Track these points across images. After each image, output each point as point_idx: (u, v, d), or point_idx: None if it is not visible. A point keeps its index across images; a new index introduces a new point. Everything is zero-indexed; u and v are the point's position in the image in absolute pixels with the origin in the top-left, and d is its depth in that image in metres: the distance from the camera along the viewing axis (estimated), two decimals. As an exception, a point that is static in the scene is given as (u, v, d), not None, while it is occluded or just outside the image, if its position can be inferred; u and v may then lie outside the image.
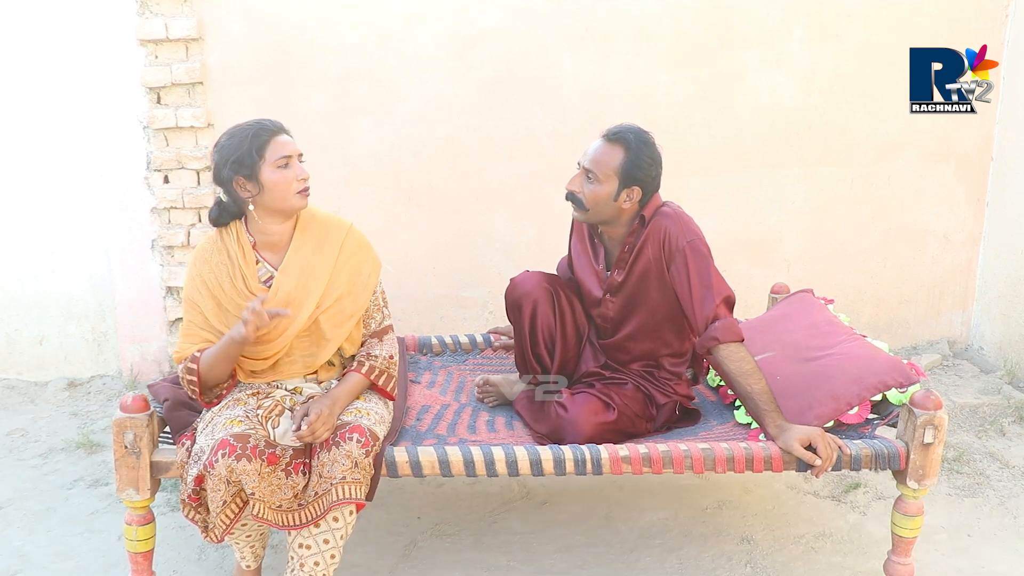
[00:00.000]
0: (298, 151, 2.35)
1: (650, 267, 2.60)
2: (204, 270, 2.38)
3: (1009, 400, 3.74)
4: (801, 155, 4.01)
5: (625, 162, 2.53)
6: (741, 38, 3.84)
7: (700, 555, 2.79)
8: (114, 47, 3.63)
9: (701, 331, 2.51)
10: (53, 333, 4.01)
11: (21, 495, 3.12)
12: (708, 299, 2.51)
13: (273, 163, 2.29)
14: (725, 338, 2.47)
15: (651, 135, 2.59)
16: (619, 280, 2.67)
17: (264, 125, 2.32)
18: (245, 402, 2.35)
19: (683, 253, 2.53)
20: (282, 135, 2.34)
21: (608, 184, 2.54)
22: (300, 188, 2.33)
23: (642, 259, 2.60)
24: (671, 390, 2.72)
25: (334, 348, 2.43)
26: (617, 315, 2.71)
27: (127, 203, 3.78)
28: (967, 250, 4.23)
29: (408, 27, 3.72)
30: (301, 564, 2.27)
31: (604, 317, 2.75)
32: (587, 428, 2.53)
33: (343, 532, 2.26)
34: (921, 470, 2.40)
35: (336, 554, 2.27)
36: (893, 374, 2.58)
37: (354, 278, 2.43)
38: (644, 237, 2.59)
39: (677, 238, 2.54)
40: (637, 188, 2.56)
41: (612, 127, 2.60)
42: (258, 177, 2.29)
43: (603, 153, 2.55)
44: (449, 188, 3.90)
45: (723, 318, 2.50)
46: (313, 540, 2.25)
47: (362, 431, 2.24)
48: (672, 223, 2.56)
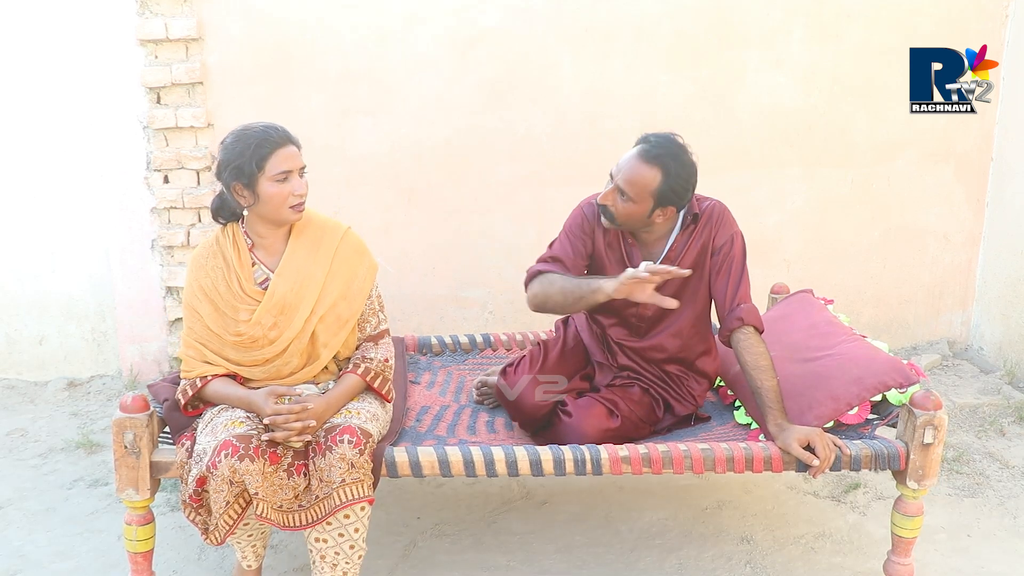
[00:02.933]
0: (300, 164, 2.33)
1: (697, 262, 2.61)
2: (200, 275, 2.39)
3: (1009, 400, 3.74)
4: (801, 155, 4.01)
5: (662, 185, 2.46)
6: (741, 38, 3.84)
7: (700, 555, 2.79)
8: (114, 47, 3.63)
9: (726, 313, 2.55)
10: (53, 333, 4.01)
11: (21, 495, 3.12)
12: (742, 285, 2.57)
13: (271, 177, 2.28)
14: (749, 319, 2.51)
15: (687, 150, 2.51)
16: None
17: (269, 136, 2.29)
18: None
19: (731, 242, 2.59)
20: (287, 147, 2.30)
21: (643, 205, 2.49)
22: (294, 203, 2.32)
23: (691, 255, 2.61)
24: (692, 399, 2.73)
25: (331, 353, 2.43)
26: (657, 312, 2.66)
27: (127, 203, 3.79)
28: (967, 250, 4.23)
29: (408, 27, 3.72)
30: (322, 556, 2.29)
31: (641, 316, 2.70)
32: (591, 434, 2.53)
33: (356, 526, 2.27)
34: (921, 470, 2.40)
35: (355, 545, 2.28)
36: (893, 374, 2.58)
37: (349, 281, 2.43)
38: (695, 235, 2.61)
39: (725, 231, 2.59)
40: (671, 208, 2.53)
41: (649, 141, 2.50)
42: (255, 187, 2.29)
43: (639, 174, 2.46)
44: (449, 188, 3.90)
45: (749, 303, 2.56)
46: (328, 535, 2.27)
47: (352, 431, 2.24)
48: (721, 217, 2.61)
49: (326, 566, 2.29)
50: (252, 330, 2.34)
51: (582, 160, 3.85)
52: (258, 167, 2.27)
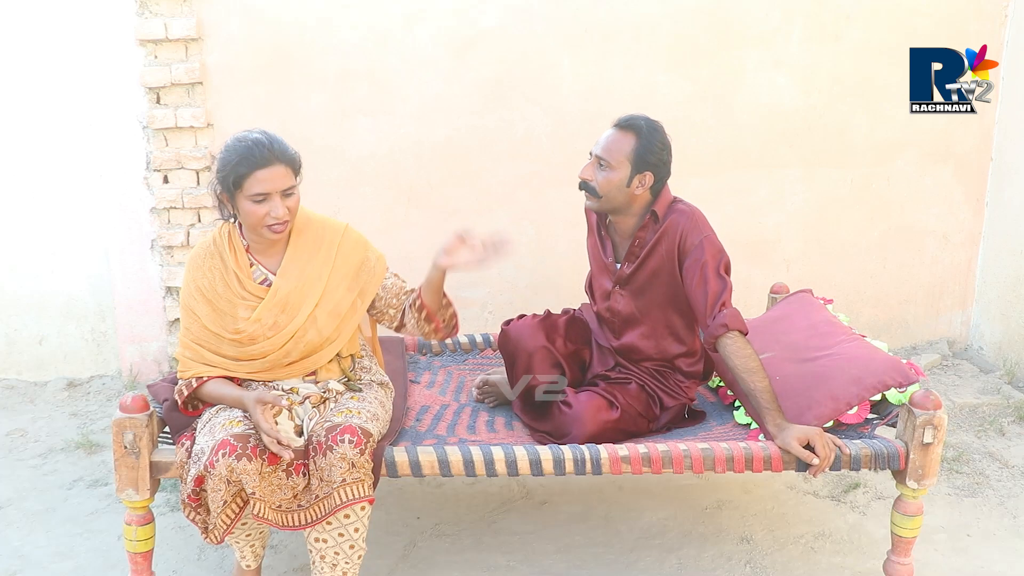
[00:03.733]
0: (283, 186, 2.26)
1: (663, 264, 2.62)
2: (198, 276, 2.39)
3: (1008, 400, 3.74)
4: (800, 155, 4.01)
5: (637, 147, 2.56)
6: (740, 38, 3.84)
7: (699, 555, 2.79)
8: (113, 47, 3.63)
9: (708, 320, 2.52)
10: (52, 333, 4.01)
11: (20, 495, 3.12)
12: (720, 291, 2.53)
13: (249, 196, 2.26)
14: (733, 325, 2.50)
15: (660, 123, 2.63)
16: (628, 273, 2.68)
17: (252, 155, 2.24)
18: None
19: (700, 247, 2.56)
20: (271, 167, 2.24)
21: (621, 170, 2.57)
22: (271, 223, 2.29)
23: (655, 256, 2.62)
24: (681, 392, 2.73)
25: (335, 350, 2.43)
26: (626, 309, 2.72)
27: (126, 203, 3.78)
28: (966, 250, 4.23)
29: (407, 27, 3.73)
30: (322, 556, 2.29)
31: (613, 311, 2.76)
32: (591, 425, 2.54)
33: (356, 525, 2.27)
34: (920, 470, 2.40)
35: (355, 544, 2.28)
36: (892, 374, 2.58)
37: (357, 271, 2.43)
38: (659, 234, 2.61)
39: (693, 235, 2.57)
40: (649, 173, 2.58)
41: (622, 116, 2.63)
42: (235, 202, 2.30)
43: (615, 140, 2.59)
44: (448, 188, 3.90)
45: (731, 308, 2.54)
46: (328, 535, 2.26)
47: (352, 431, 2.23)
48: (687, 220, 2.59)
49: (326, 566, 2.29)
50: (251, 327, 2.35)
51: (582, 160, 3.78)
52: (235, 185, 2.26)
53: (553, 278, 3.99)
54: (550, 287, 3.98)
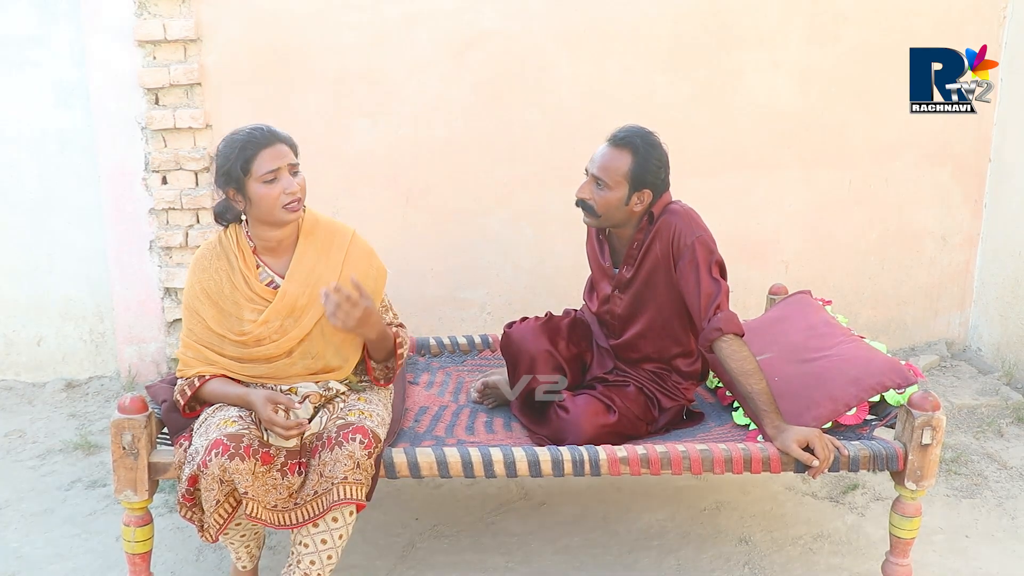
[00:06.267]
0: (289, 161, 2.29)
1: (659, 264, 2.61)
2: (203, 277, 2.39)
3: (1007, 401, 3.74)
4: (799, 156, 4.01)
5: (634, 166, 2.54)
6: (739, 40, 3.85)
7: (698, 556, 2.79)
8: (112, 47, 3.63)
9: (704, 323, 2.51)
10: (51, 334, 4.00)
11: (19, 496, 3.12)
12: (714, 293, 2.52)
13: (259, 178, 2.26)
14: (728, 328, 2.47)
15: (656, 135, 2.60)
16: (627, 276, 2.68)
17: (254, 137, 2.27)
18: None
19: (692, 249, 2.53)
20: (273, 146, 2.27)
21: (618, 190, 2.55)
22: (287, 202, 2.29)
23: (651, 256, 2.61)
24: (680, 394, 2.73)
25: (338, 355, 2.43)
26: (625, 312, 2.72)
27: (125, 204, 3.78)
28: (965, 251, 4.23)
29: (406, 28, 3.72)
30: (298, 561, 2.27)
31: (612, 314, 2.76)
32: (589, 429, 2.54)
33: (342, 532, 2.26)
34: (919, 471, 2.40)
35: (333, 555, 2.27)
36: (891, 375, 2.58)
37: (362, 281, 2.43)
38: (653, 234, 2.60)
39: (686, 235, 2.55)
40: (647, 191, 2.57)
41: (617, 131, 2.60)
42: (246, 191, 2.29)
43: (611, 159, 2.56)
44: (447, 189, 3.89)
45: (726, 310, 2.52)
46: (311, 539, 2.25)
47: (365, 432, 2.23)
48: (680, 220, 2.57)
49: (299, 571, 2.27)
50: (258, 330, 2.35)
51: (580, 162, 3.78)
52: (244, 171, 2.26)
53: (551, 278, 3.99)
54: (548, 287, 3.98)
